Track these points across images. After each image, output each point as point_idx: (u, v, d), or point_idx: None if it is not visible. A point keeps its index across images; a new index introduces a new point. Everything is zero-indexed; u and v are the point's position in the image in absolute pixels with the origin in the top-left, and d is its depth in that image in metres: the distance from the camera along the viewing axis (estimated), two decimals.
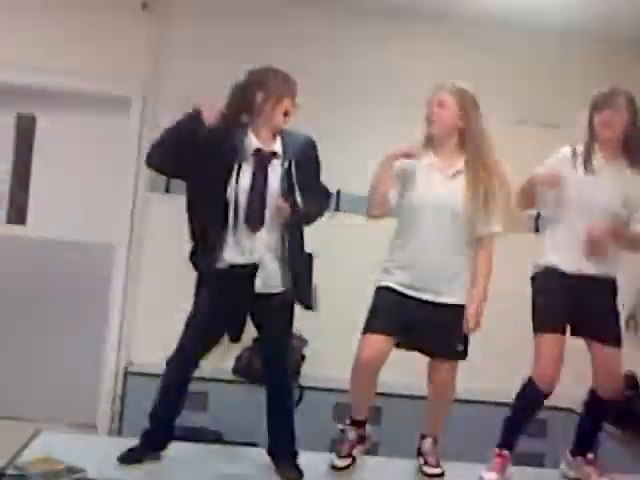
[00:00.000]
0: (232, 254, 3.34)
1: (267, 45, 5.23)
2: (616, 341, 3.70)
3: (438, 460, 3.70)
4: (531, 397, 3.71)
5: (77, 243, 5.60)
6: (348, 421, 3.73)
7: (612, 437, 4.81)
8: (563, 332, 3.67)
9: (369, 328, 3.54)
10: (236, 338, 3.63)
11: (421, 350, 3.61)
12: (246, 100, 3.38)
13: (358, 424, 3.71)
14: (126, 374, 5.38)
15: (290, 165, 3.38)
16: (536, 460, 4.91)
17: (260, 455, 3.62)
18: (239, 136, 3.37)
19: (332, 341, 5.37)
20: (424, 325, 3.52)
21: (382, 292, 3.57)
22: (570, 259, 3.65)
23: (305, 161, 3.42)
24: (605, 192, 3.63)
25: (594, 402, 3.83)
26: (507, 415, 3.77)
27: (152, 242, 5.52)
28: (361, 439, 3.72)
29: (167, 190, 5.40)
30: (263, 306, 3.42)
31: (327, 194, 3.59)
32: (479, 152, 3.53)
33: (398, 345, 3.57)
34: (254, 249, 3.35)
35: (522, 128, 5.57)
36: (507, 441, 3.74)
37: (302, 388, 5.24)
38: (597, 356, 3.71)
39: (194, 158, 3.27)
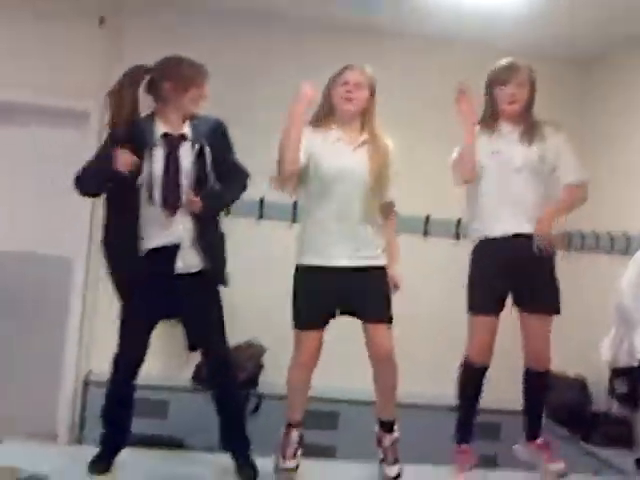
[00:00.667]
0: (152, 237, 3.43)
1: (219, 59, 5.31)
2: (547, 309, 3.79)
3: (397, 455, 3.70)
4: (469, 375, 3.83)
5: (34, 255, 5.60)
6: (288, 424, 3.73)
7: (568, 441, 4.97)
8: (497, 312, 3.77)
9: (299, 324, 3.59)
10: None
11: (352, 314, 3.64)
12: (154, 89, 3.50)
13: (297, 425, 3.73)
14: (86, 383, 5.41)
15: (202, 148, 3.47)
16: (490, 463, 5.03)
17: (218, 458, 3.71)
18: (146, 125, 3.46)
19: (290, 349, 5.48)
20: (350, 292, 3.57)
21: (302, 274, 3.62)
22: (499, 223, 3.76)
23: (216, 143, 3.52)
24: (519, 152, 3.76)
25: (529, 380, 3.91)
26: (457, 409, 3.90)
27: None
28: (300, 440, 3.74)
29: None
30: (184, 286, 3.48)
31: (243, 175, 3.66)
32: (377, 131, 3.67)
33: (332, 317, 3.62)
34: (174, 231, 3.44)
35: None
36: (462, 434, 3.87)
37: (260, 396, 5.32)
38: (525, 324, 3.81)
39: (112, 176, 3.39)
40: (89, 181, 3.47)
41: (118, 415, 3.59)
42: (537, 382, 3.91)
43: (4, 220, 5.57)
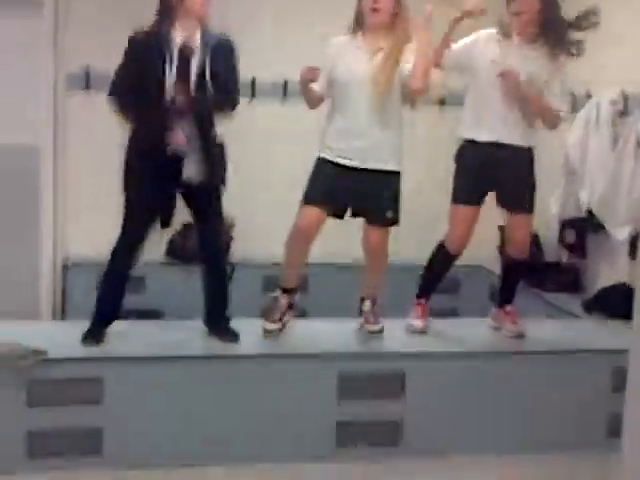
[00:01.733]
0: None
1: None
2: (527, 208, 4.12)
3: (378, 317, 4.09)
4: (441, 258, 4.20)
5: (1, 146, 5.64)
6: (279, 290, 4.04)
7: (522, 290, 5.29)
8: (477, 204, 4.10)
9: (306, 199, 3.87)
10: (166, 224, 3.94)
11: (355, 215, 3.95)
12: (165, 4, 3.65)
13: (289, 292, 4.03)
14: (65, 266, 5.63)
15: (205, 58, 3.64)
16: (450, 315, 5.41)
17: (198, 325, 3.99)
18: (165, 35, 3.64)
19: (258, 220, 5.72)
20: (357, 192, 3.86)
21: (319, 164, 3.90)
22: (486, 129, 4.01)
23: (218, 56, 3.68)
24: (519, 64, 3.92)
25: (507, 263, 4.32)
26: (422, 272, 4.26)
27: (76, 139, 5.62)
28: (290, 306, 4.05)
29: (87, 87, 5.53)
30: (192, 192, 3.77)
31: (232, 97, 3.81)
32: (404, 35, 3.79)
33: (335, 215, 3.90)
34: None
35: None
36: (423, 290, 4.25)
37: (233, 265, 5.56)
38: (510, 222, 4.18)
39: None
40: (121, 101, 3.70)
41: (115, 291, 3.84)
42: (516, 268, 4.30)
43: None
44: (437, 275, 4.28)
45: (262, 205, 5.78)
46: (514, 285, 4.35)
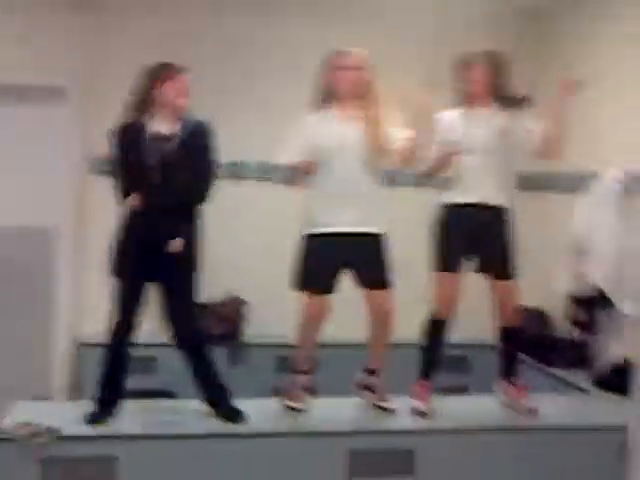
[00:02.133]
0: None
1: (200, 36, 5.53)
2: (512, 275, 4.18)
3: (385, 393, 4.12)
4: (432, 329, 4.20)
5: (19, 228, 5.78)
6: (293, 373, 4.12)
7: (531, 367, 5.35)
8: (459, 270, 4.15)
9: (309, 287, 3.95)
10: None
11: (357, 282, 4.01)
12: (144, 99, 3.84)
13: (305, 373, 4.11)
14: (78, 346, 5.68)
15: (180, 144, 3.80)
16: (461, 393, 5.39)
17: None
18: (144, 128, 3.81)
19: (267, 300, 5.79)
20: (353, 258, 3.94)
21: (308, 243, 3.97)
22: (463, 193, 4.12)
23: (193, 141, 3.83)
24: (482, 129, 4.11)
25: (502, 333, 4.31)
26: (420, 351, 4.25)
27: (94, 222, 5.72)
28: (308, 387, 4.12)
29: (105, 172, 5.66)
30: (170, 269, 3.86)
31: (208, 179, 3.91)
32: (373, 101, 3.96)
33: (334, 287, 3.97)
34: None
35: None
36: (424, 371, 4.23)
37: (245, 346, 5.62)
38: (495, 289, 4.21)
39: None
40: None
41: (115, 374, 3.90)
42: (510, 336, 4.31)
43: None
44: (435, 349, 4.25)
45: (270, 284, 5.86)
46: (514, 356, 4.35)
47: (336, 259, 3.93)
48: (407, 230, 5.74)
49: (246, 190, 5.98)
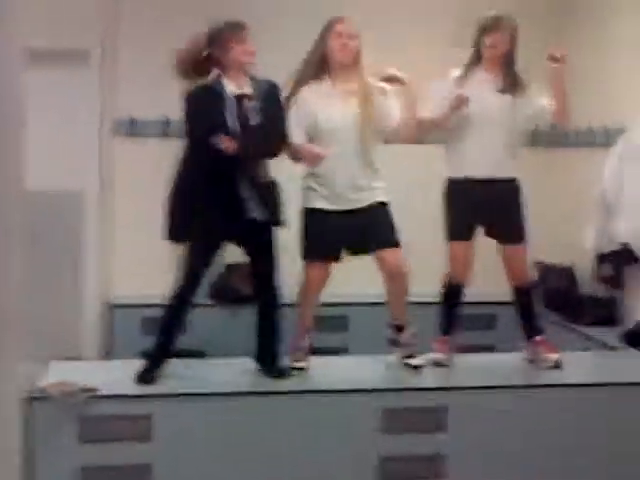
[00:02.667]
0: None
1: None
2: (520, 238, 4.25)
3: (414, 350, 4.15)
4: (448, 292, 4.32)
5: (47, 192, 5.77)
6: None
7: (558, 324, 5.37)
8: (469, 238, 4.23)
9: (309, 256, 4.02)
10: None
11: (357, 253, 4.07)
12: (212, 60, 3.82)
13: (307, 331, 4.15)
14: (110, 308, 5.77)
15: (260, 104, 3.81)
16: (487, 351, 5.42)
17: (242, 363, 4.09)
18: (218, 88, 3.81)
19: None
20: (355, 232, 3.98)
21: (309, 215, 4.03)
22: (475, 167, 4.14)
23: (271, 101, 3.86)
24: (492, 101, 4.12)
25: (517, 295, 4.37)
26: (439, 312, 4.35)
27: (121, 184, 5.83)
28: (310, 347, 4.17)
29: (131, 134, 5.74)
30: (252, 232, 3.88)
31: (280, 136, 3.91)
32: (366, 79, 3.96)
33: (338, 258, 4.04)
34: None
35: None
36: (443, 328, 4.35)
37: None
38: (504, 254, 4.27)
39: None
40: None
41: (174, 330, 3.95)
42: (524, 296, 4.37)
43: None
44: (449, 309, 4.35)
45: None
46: (533, 315, 4.38)
47: (337, 234, 3.98)
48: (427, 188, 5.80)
49: None
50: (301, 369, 4.07)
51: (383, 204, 4.03)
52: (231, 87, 3.82)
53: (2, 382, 3.19)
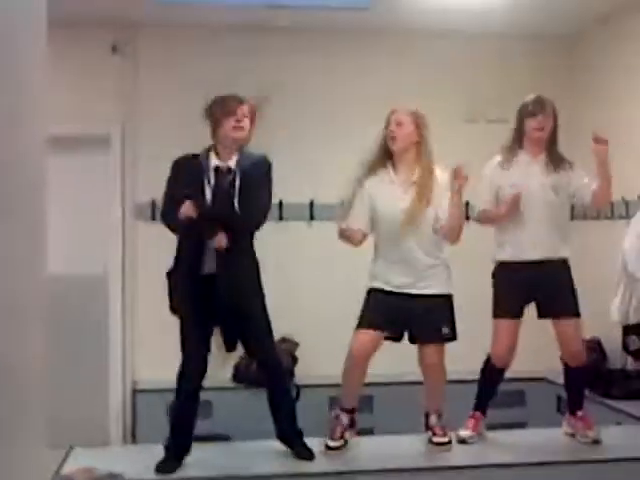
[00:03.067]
0: (209, 264, 3.77)
1: (234, 77, 5.62)
2: (574, 314, 4.21)
3: (445, 430, 4.13)
4: (489, 372, 4.29)
5: (71, 275, 5.84)
6: (339, 409, 4.14)
7: (589, 399, 5.25)
8: (518, 317, 4.21)
9: (359, 325, 4.04)
10: (231, 348, 3.98)
11: (410, 339, 4.11)
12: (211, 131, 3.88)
13: (349, 411, 4.13)
14: (134, 392, 5.74)
15: (239, 178, 3.81)
16: (519, 428, 5.35)
17: (266, 446, 4.04)
18: (203, 159, 3.85)
19: (319, 341, 5.79)
20: (410, 316, 4.03)
21: (370, 294, 4.09)
22: (519, 250, 4.17)
23: (252, 175, 3.84)
24: (537, 182, 4.16)
25: (568, 374, 4.34)
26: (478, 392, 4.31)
27: (143, 268, 5.85)
28: (352, 424, 4.14)
29: (153, 218, 5.77)
30: (233, 315, 3.82)
31: (263, 209, 3.92)
32: (430, 166, 4.05)
33: (389, 337, 4.07)
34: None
35: (473, 127, 6.02)
36: (478, 405, 4.30)
37: (298, 387, 5.61)
38: (559, 330, 4.23)
39: None
40: (169, 217, 3.86)
41: (186, 422, 3.89)
42: (576, 375, 4.34)
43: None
44: (489, 388, 4.33)
45: (322, 325, 5.87)
46: (580, 392, 4.36)
47: (393, 313, 4.04)
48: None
49: (295, 231, 6.02)
50: (333, 448, 4.02)
51: (443, 296, 4.08)
52: (214, 160, 3.84)
53: (22, 470, 3.14)
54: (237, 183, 3.80)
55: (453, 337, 4.08)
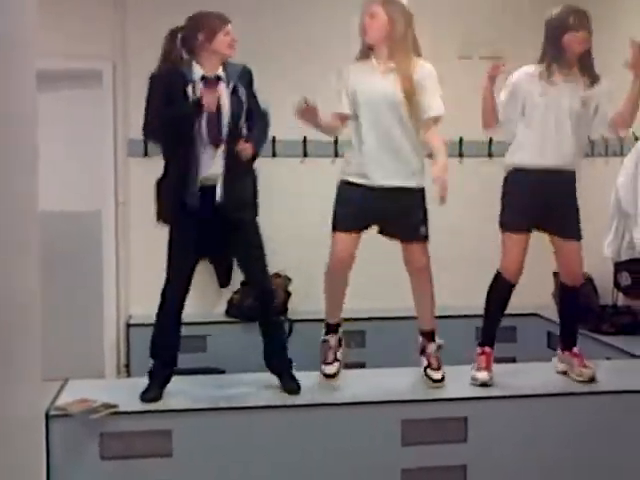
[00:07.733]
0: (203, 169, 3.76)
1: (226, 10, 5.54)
2: (576, 235, 4.14)
3: (440, 364, 4.04)
4: (500, 288, 4.15)
5: (64, 213, 5.88)
6: (325, 330, 4.10)
7: (580, 334, 5.29)
8: (527, 231, 4.11)
9: (338, 227, 3.91)
10: (225, 283, 4.02)
11: (389, 235, 3.99)
12: (188, 43, 3.84)
13: (335, 328, 4.09)
14: (128, 327, 5.78)
15: (235, 87, 3.81)
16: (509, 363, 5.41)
17: (259, 378, 4.07)
18: (186, 70, 3.80)
19: (312, 276, 5.81)
20: (387, 212, 3.88)
21: (344, 187, 3.94)
22: (537, 155, 4.05)
23: (245, 85, 3.85)
24: (567, 97, 4.03)
25: (564, 294, 4.29)
26: (484, 314, 4.21)
27: (136, 203, 5.84)
28: (340, 342, 4.10)
29: (145, 154, 5.75)
30: (229, 226, 3.82)
31: (267, 117, 3.96)
32: (406, 56, 3.87)
33: (367, 227, 3.93)
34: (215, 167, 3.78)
35: (467, 63, 5.94)
36: (486, 337, 4.20)
37: (291, 321, 5.66)
38: (560, 250, 4.17)
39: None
40: (154, 130, 3.84)
41: (168, 346, 3.91)
42: (572, 296, 4.29)
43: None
44: (497, 309, 4.19)
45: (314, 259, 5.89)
46: (575, 320, 4.33)
47: (369, 209, 3.88)
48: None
49: (285, 168, 6.00)
50: (332, 375, 4.03)
51: (421, 190, 3.92)
52: (199, 70, 3.79)
53: (19, 401, 3.18)
54: (237, 91, 3.80)
55: (427, 237, 3.96)
